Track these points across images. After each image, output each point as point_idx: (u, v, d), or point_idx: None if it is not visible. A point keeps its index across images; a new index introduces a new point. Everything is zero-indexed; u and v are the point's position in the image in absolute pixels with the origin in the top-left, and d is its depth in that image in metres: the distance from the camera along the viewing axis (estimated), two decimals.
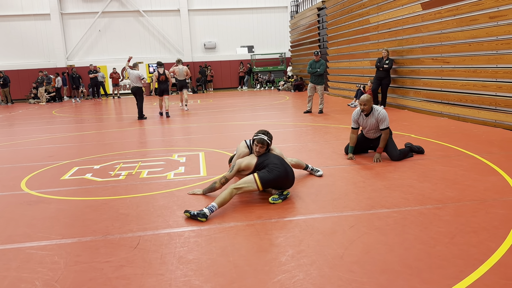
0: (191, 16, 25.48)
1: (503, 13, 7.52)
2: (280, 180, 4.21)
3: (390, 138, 5.81)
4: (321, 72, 11.13)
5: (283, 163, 4.30)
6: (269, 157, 4.35)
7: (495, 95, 7.88)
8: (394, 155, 5.64)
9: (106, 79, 23.67)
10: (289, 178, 4.28)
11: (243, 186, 4.05)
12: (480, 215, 3.56)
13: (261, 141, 4.36)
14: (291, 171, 4.34)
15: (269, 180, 4.13)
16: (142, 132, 9.57)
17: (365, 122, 5.80)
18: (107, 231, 3.62)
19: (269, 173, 4.16)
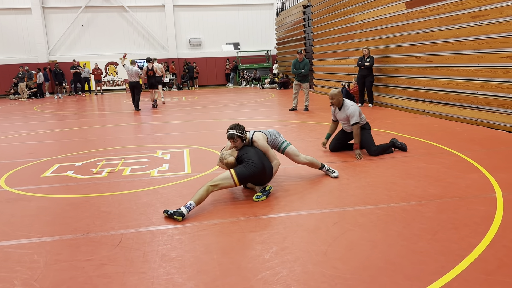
0: (176, 12, 25.26)
1: (485, 12, 7.63)
2: (257, 176, 4.18)
3: (368, 133, 5.91)
4: (305, 73, 11.17)
5: (261, 158, 4.26)
6: (248, 152, 4.30)
7: (476, 93, 8.00)
8: (371, 150, 5.79)
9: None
10: (266, 174, 4.25)
11: (219, 183, 4.01)
12: (461, 212, 3.60)
13: (230, 136, 4.33)
14: (269, 167, 4.33)
15: (245, 175, 4.10)
16: (126, 129, 9.45)
17: (339, 115, 6.01)
18: (89, 229, 3.56)
19: (245, 168, 4.12)
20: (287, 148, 4.79)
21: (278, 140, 4.80)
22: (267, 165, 4.30)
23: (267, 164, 4.33)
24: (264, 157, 4.38)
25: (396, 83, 10.89)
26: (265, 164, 4.28)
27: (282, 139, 4.84)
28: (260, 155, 4.32)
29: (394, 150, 5.98)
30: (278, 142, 4.80)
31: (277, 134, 4.84)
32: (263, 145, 4.46)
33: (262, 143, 4.46)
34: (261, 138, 4.49)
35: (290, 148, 4.79)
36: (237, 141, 4.33)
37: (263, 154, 4.41)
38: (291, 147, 4.81)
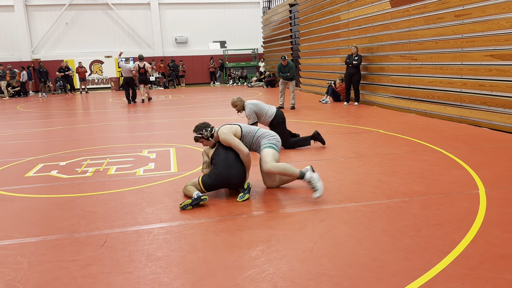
0: (162, 10, 25.10)
1: (468, 11, 7.74)
2: (223, 185, 4.15)
3: (283, 126, 6.40)
4: (291, 76, 11.22)
5: (228, 165, 4.11)
6: (218, 155, 4.20)
7: (460, 91, 8.12)
8: (286, 143, 6.34)
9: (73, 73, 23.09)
10: (232, 182, 4.14)
11: (189, 189, 4.09)
12: (445, 208, 3.65)
13: (195, 139, 4.35)
14: (239, 172, 4.13)
15: (210, 185, 4.10)
16: (111, 128, 9.36)
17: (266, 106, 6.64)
18: (73, 229, 3.52)
19: (210, 178, 4.09)
20: (262, 150, 4.33)
21: (260, 141, 4.40)
22: (234, 172, 4.10)
23: (236, 170, 4.11)
24: (235, 159, 4.16)
25: (382, 82, 10.99)
26: (231, 172, 4.08)
27: (266, 141, 4.38)
28: (229, 158, 4.14)
29: (310, 143, 6.45)
30: (260, 142, 4.40)
31: (259, 132, 4.44)
32: (224, 139, 4.17)
33: (223, 137, 4.18)
34: (225, 132, 4.20)
35: (263, 151, 4.29)
36: (202, 141, 4.33)
37: (234, 155, 4.19)
38: (265, 150, 4.29)
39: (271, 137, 4.44)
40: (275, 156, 4.26)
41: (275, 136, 4.48)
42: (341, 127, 8.11)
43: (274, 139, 4.44)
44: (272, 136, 4.46)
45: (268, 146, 4.31)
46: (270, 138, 4.42)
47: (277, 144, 4.42)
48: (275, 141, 4.43)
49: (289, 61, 11.25)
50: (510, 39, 6.86)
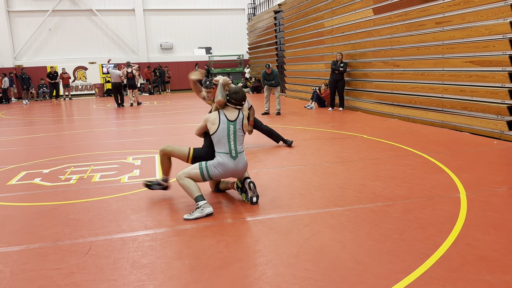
0: (147, 16, 25.04)
1: (448, 19, 7.92)
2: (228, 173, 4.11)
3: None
4: (275, 84, 11.31)
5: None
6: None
7: (441, 97, 8.28)
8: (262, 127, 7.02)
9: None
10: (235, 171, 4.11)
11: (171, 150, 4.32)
12: (427, 212, 3.72)
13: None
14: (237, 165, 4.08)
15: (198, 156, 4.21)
16: (96, 135, 9.28)
17: None
18: (57, 237, 3.49)
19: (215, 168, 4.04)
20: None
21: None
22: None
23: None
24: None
25: (365, 88, 11.14)
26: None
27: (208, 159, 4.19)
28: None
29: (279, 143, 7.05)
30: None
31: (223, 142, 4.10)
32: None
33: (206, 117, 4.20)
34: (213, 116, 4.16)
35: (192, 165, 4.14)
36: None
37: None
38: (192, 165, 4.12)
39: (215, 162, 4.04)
40: (191, 172, 4.02)
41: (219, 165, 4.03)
42: (326, 132, 8.19)
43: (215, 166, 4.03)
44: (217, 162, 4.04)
45: (200, 167, 4.03)
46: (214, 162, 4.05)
47: (211, 170, 4.01)
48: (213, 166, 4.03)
49: (273, 69, 11.36)
50: (488, 46, 7.04)
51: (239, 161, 4.08)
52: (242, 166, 4.12)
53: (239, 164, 4.08)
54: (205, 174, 4.03)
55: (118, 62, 23.95)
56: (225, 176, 4.12)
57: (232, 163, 4.04)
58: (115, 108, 15.78)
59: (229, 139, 4.06)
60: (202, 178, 4.04)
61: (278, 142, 7.18)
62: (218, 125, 4.06)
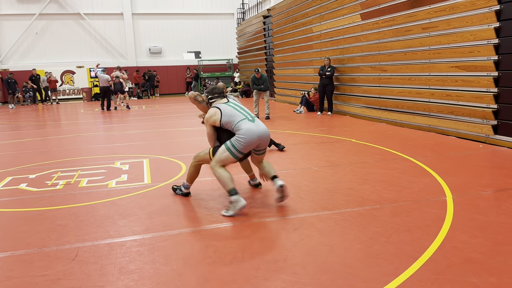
0: (135, 20, 24.94)
1: (434, 24, 8.04)
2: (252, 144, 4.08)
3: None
4: (265, 89, 11.34)
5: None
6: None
7: (428, 101, 8.38)
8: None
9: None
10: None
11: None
12: (414, 215, 3.76)
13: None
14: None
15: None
16: (83, 139, 9.20)
17: None
18: (43, 243, 3.44)
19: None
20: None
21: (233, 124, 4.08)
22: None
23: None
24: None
25: (353, 92, 11.23)
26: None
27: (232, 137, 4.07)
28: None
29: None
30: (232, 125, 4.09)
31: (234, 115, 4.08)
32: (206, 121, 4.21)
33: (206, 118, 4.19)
34: (208, 115, 4.15)
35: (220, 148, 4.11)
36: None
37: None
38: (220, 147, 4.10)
39: (238, 135, 4.03)
40: (222, 157, 4.04)
41: (242, 134, 4.00)
42: (315, 136, 8.23)
43: (238, 138, 4.01)
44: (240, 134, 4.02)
45: (227, 147, 4.03)
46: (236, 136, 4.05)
47: (237, 144, 4.00)
48: (239, 141, 4.01)
49: (262, 74, 11.39)
50: (474, 51, 7.15)
51: (258, 123, 4.12)
52: (263, 127, 4.10)
53: (260, 126, 4.08)
54: (234, 151, 4.00)
55: (107, 66, 23.80)
56: (252, 144, 4.01)
57: (253, 125, 4.03)
58: (102, 113, 15.68)
59: (238, 110, 4.15)
60: (233, 156, 4.03)
61: (269, 146, 7.18)
62: (220, 110, 4.11)
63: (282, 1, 16.91)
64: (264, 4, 21.65)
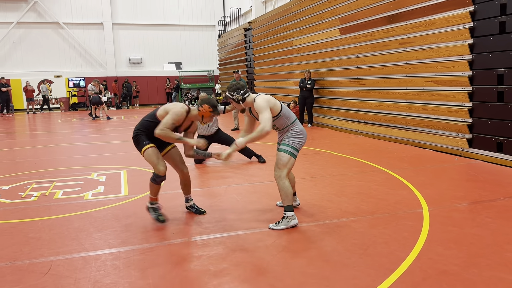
0: (116, 30, 24.78)
1: (411, 40, 8.24)
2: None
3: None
4: None
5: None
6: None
7: (405, 115, 8.54)
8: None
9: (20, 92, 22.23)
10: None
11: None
12: (391, 227, 3.80)
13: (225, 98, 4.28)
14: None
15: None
16: (60, 150, 9.02)
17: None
18: (15, 256, 3.34)
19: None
20: (281, 150, 3.92)
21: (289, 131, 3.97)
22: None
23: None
24: None
25: (333, 105, 11.37)
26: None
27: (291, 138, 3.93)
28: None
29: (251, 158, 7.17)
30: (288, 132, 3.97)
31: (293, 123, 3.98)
32: (259, 107, 3.80)
33: (259, 105, 3.80)
34: (262, 100, 3.82)
35: (283, 155, 3.88)
36: (232, 102, 4.07)
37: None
38: (285, 155, 3.88)
39: (297, 134, 3.96)
40: (289, 164, 3.90)
41: (301, 134, 3.98)
42: None
43: (300, 137, 3.96)
44: (298, 132, 3.97)
45: (289, 152, 3.88)
46: (296, 135, 3.95)
47: (301, 144, 3.97)
48: (299, 141, 3.95)
49: (241, 79, 11.47)
50: (449, 66, 7.35)
51: None
52: None
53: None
54: (295, 153, 3.92)
55: (86, 76, 23.54)
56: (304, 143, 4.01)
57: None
58: (80, 123, 15.44)
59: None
60: (295, 158, 3.93)
61: (250, 158, 7.20)
62: (279, 103, 3.93)
63: (263, 15, 17.10)
64: (245, 17, 21.84)
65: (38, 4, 23.05)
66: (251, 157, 7.19)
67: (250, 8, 20.37)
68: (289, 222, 3.83)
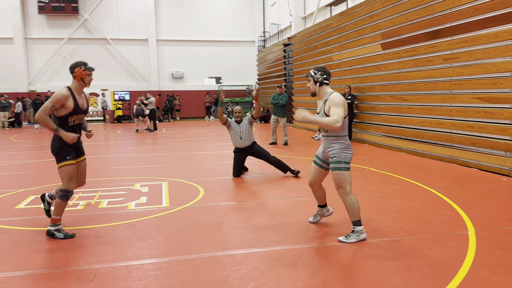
0: (160, 46, 25.63)
1: (456, 55, 8.03)
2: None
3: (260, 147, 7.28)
4: (283, 103, 11.54)
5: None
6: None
7: (450, 132, 8.29)
8: (270, 158, 7.17)
9: None
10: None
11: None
12: (435, 248, 3.68)
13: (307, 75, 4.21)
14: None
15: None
16: (104, 161, 9.36)
17: (239, 127, 7.10)
18: (62, 263, 3.49)
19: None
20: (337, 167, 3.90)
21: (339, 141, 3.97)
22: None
23: None
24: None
25: (373, 120, 11.19)
26: None
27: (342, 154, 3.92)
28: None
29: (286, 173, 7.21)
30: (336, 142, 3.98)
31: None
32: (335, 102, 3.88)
33: (336, 100, 3.89)
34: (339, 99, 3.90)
35: (343, 173, 3.89)
36: (310, 80, 4.12)
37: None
38: (345, 172, 3.89)
39: (346, 148, 3.96)
40: (348, 179, 3.93)
41: (349, 147, 4.00)
42: None
43: (348, 152, 3.97)
44: (346, 146, 3.97)
45: (344, 168, 3.89)
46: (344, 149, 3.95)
47: (350, 158, 3.96)
48: (348, 155, 3.96)
49: (284, 92, 11.76)
50: (496, 83, 7.09)
51: None
52: None
53: None
54: (349, 166, 3.93)
55: (130, 90, 24.40)
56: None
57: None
58: (124, 135, 15.98)
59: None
60: (349, 171, 3.94)
61: (285, 172, 7.20)
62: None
63: (303, 30, 17.18)
64: (284, 32, 22.02)
65: (88, 21, 24.25)
66: (286, 172, 7.17)
67: (289, 24, 20.54)
68: (359, 236, 3.89)
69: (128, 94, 24.10)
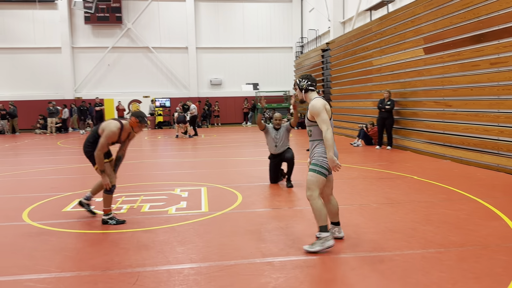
0: (199, 54, 26.11)
1: (504, 59, 7.69)
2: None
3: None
4: None
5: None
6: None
7: (497, 139, 7.93)
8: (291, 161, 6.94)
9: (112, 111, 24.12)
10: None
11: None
12: (483, 261, 3.52)
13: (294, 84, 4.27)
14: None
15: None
16: (146, 166, 9.61)
17: (277, 134, 7.02)
18: (107, 265, 3.60)
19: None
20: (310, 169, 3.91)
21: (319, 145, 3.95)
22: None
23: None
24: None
25: (415, 127, 10.89)
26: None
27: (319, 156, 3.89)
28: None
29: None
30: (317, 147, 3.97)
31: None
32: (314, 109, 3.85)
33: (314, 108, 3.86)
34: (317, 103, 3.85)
35: (312, 175, 3.86)
36: (296, 89, 4.15)
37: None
38: (313, 174, 3.86)
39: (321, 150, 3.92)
40: (319, 182, 3.85)
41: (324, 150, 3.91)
42: (373, 171, 8.02)
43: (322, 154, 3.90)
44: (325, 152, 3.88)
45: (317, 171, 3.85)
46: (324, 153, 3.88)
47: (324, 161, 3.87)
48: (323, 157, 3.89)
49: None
50: None
51: None
52: None
53: None
54: (324, 172, 3.85)
55: (170, 96, 24.97)
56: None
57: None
58: (164, 140, 16.35)
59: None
60: (325, 177, 3.88)
61: (284, 177, 7.19)
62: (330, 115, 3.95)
63: (342, 35, 17.01)
64: (323, 38, 21.87)
65: (131, 31, 25.07)
66: (285, 177, 7.06)
67: (328, 29, 20.38)
68: (324, 243, 3.74)
69: (168, 101, 24.66)
